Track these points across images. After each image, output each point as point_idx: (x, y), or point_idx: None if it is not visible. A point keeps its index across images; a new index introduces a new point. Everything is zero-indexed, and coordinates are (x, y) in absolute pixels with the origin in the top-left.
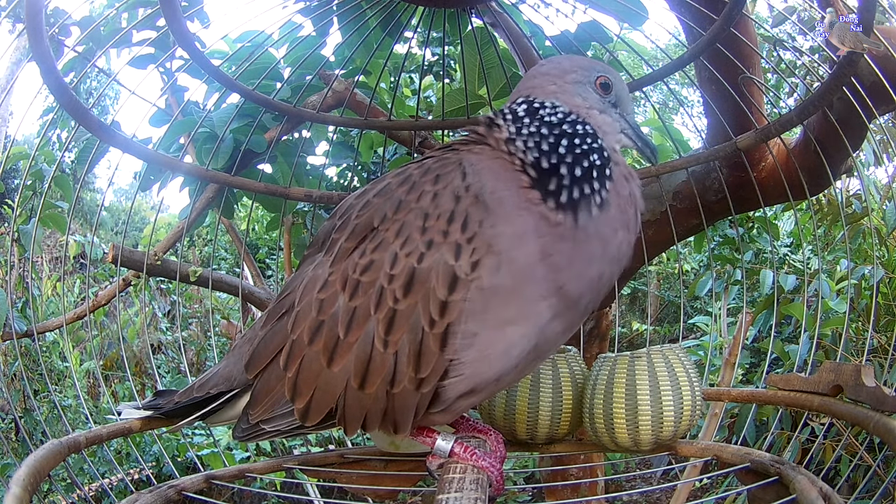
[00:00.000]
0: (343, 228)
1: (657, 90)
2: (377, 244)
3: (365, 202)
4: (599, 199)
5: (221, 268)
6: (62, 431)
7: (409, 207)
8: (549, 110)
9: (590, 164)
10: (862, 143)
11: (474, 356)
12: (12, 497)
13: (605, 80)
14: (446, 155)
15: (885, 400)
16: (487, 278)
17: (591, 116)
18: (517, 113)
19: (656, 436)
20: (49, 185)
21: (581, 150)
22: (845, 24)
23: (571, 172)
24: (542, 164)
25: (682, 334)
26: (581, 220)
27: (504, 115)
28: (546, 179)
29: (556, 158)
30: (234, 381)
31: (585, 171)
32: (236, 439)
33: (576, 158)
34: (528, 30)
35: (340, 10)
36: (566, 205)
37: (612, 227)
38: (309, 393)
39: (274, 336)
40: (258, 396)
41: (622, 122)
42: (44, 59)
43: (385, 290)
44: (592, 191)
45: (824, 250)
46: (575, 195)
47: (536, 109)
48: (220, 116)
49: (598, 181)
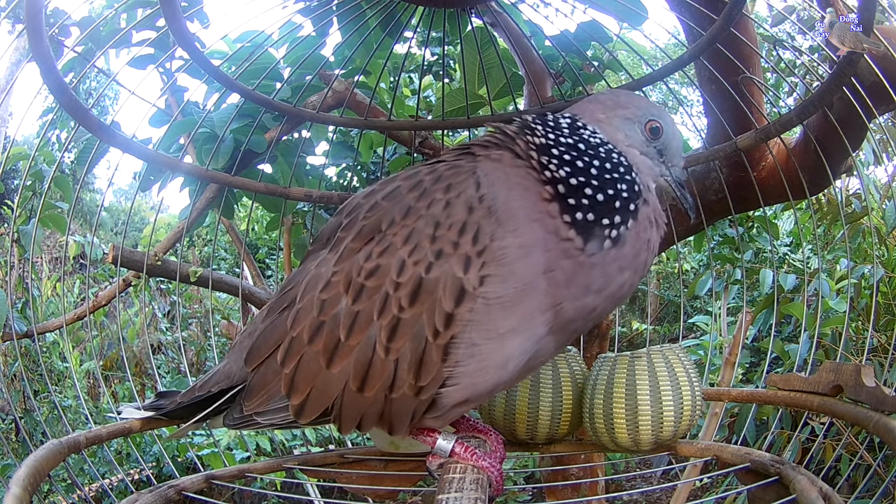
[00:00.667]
0: (350, 227)
1: (657, 90)
2: (384, 248)
3: (373, 203)
4: (616, 232)
5: (221, 268)
6: (62, 432)
7: (420, 214)
8: (589, 133)
9: (615, 194)
10: (862, 143)
11: (474, 367)
12: (12, 497)
13: (655, 125)
14: (459, 161)
15: (885, 400)
16: (493, 290)
17: (629, 154)
18: (559, 124)
19: (656, 436)
20: (49, 185)
21: (611, 176)
22: (845, 24)
23: (594, 196)
24: (570, 181)
25: (681, 334)
26: (590, 247)
27: (545, 122)
28: (569, 195)
29: (585, 177)
30: (234, 377)
31: (609, 198)
32: (227, 427)
33: (603, 183)
34: (528, 30)
35: (340, 10)
36: (580, 225)
37: (619, 265)
38: (306, 391)
39: (274, 330)
40: (254, 388)
41: (662, 168)
42: (44, 59)
43: (390, 297)
44: (611, 223)
45: (824, 250)
46: (590, 218)
47: (578, 128)
48: (220, 116)
49: (620, 214)
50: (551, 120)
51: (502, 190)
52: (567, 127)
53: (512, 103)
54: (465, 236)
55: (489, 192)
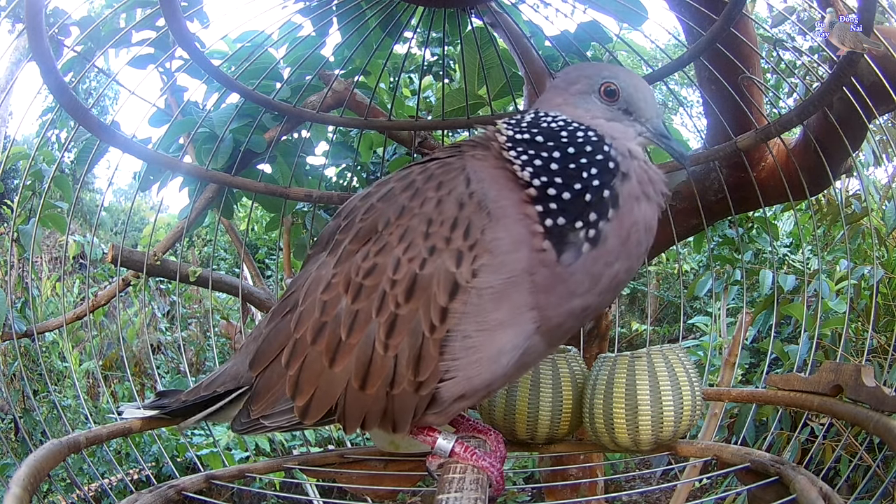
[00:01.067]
0: (348, 230)
1: (657, 90)
2: (380, 248)
3: (369, 205)
4: (594, 231)
5: (221, 268)
6: (62, 431)
7: (413, 213)
8: (551, 118)
9: (583, 186)
10: (862, 143)
11: (468, 360)
12: (12, 497)
13: (610, 87)
14: (450, 160)
15: (885, 400)
16: (484, 281)
17: (597, 126)
18: (521, 121)
19: (656, 436)
20: (49, 185)
21: (577, 164)
22: (845, 24)
23: (560, 195)
24: (533, 182)
25: (681, 334)
26: (565, 258)
27: (517, 122)
28: (539, 199)
29: (547, 176)
30: (241, 378)
31: (577, 194)
32: (235, 432)
33: (568, 176)
34: (527, 30)
35: (340, 10)
36: (554, 233)
37: (606, 261)
38: (310, 392)
39: (278, 334)
40: (260, 392)
41: (637, 126)
42: (44, 59)
43: (387, 295)
44: (585, 223)
45: (824, 250)
46: (561, 223)
47: (539, 117)
48: (220, 116)
49: (595, 209)
50: (514, 120)
51: (492, 187)
52: (527, 123)
53: (512, 103)
54: (457, 231)
55: (479, 188)
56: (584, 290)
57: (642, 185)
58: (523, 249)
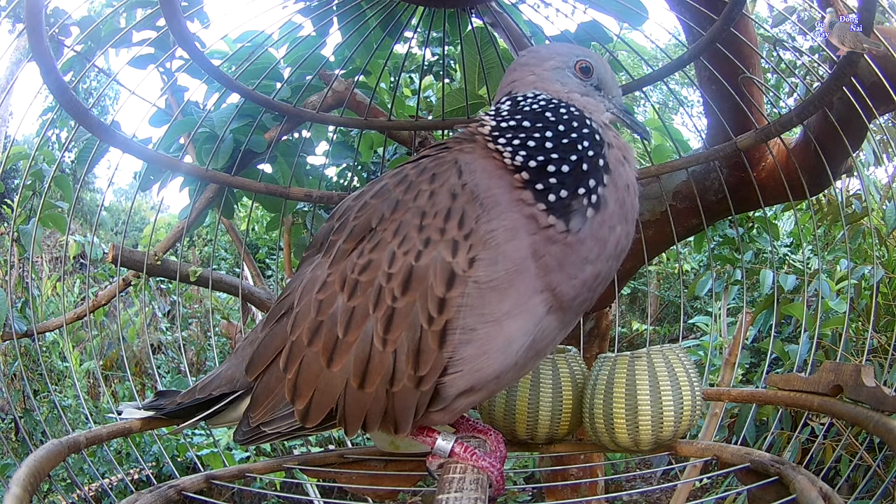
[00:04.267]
0: (341, 230)
1: (657, 90)
2: (375, 244)
3: (363, 203)
4: (595, 196)
5: (221, 268)
6: (62, 431)
7: (407, 207)
8: (531, 100)
9: (579, 158)
10: (862, 143)
11: (473, 352)
12: (12, 497)
13: (585, 64)
14: (441, 154)
15: (885, 400)
16: (483, 273)
17: (573, 100)
18: (500, 110)
19: (656, 436)
20: (49, 185)
21: (570, 138)
22: (845, 24)
23: (559, 169)
24: (529, 164)
25: (682, 334)
26: (574, 225)
27: (489, 113)
28: (536, 180)
29: (543, 155)
30: (237, 382)
31: (576, 164)
32: (238, 442)
33: (564, 150)
34: (528, 30)
35: (340, 10)
36: (557, 208)
37: (609, 224)
38: (309, 394)
39: (273, 338)
40: (259, 398)
41: (606, 102)
42: (44, 59)
43: (383, 289)
44: (587, 190)
45: (824, 250)
46: (564, 195)
47: (518, 102)
48: (220, 116)
49: (593, 176)
50: (493, 109)
51: (483, 177)
52: (508, 111)
53: None
54: (451, 221)
55: (471, 179)
56: (595, 255)
57: (622, 151)
58: (522, 235)
